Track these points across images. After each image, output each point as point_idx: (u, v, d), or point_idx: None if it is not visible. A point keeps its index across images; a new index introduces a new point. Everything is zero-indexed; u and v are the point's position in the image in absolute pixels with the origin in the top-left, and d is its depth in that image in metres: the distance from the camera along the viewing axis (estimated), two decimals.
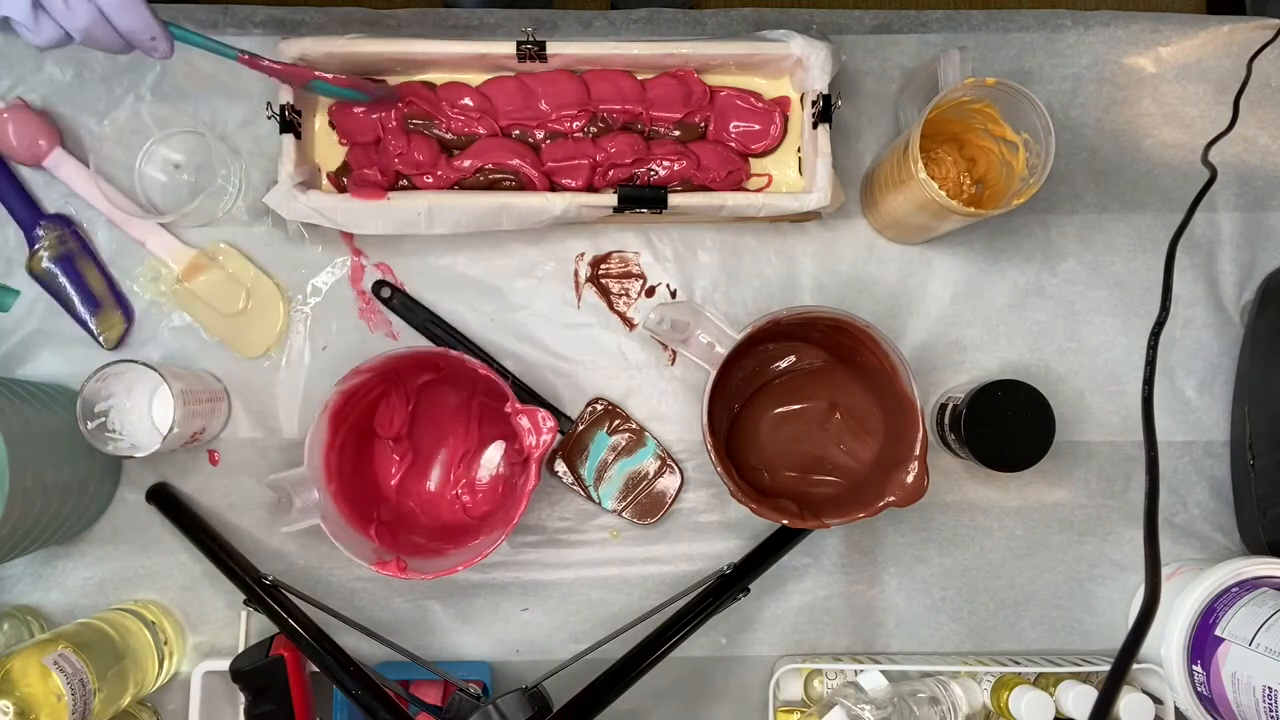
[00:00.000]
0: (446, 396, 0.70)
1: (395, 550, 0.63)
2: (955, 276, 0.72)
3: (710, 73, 0.69)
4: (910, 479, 0.61)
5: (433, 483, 0.70)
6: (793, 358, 0.70)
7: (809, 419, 0.70)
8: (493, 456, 0.70)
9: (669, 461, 0.70)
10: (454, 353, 0.62)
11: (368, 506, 0.66)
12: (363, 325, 0.71)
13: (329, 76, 0.62)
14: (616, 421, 0.70)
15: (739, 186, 0.69)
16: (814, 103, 0.66)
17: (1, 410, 0.57)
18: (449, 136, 0.68)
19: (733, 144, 0.69)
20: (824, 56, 0.65)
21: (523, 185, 0.67)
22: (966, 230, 0.70)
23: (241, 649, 0.67)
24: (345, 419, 0.64)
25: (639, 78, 0.68)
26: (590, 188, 0.68)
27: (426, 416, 0.70)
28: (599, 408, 0.70)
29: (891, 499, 0.61)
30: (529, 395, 0.70)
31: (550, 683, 0.59)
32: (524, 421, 0.61)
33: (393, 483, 0.69)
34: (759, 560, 0.66)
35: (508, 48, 0.65)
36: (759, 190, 0.69)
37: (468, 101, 0.68)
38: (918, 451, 0.61)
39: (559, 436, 0.62)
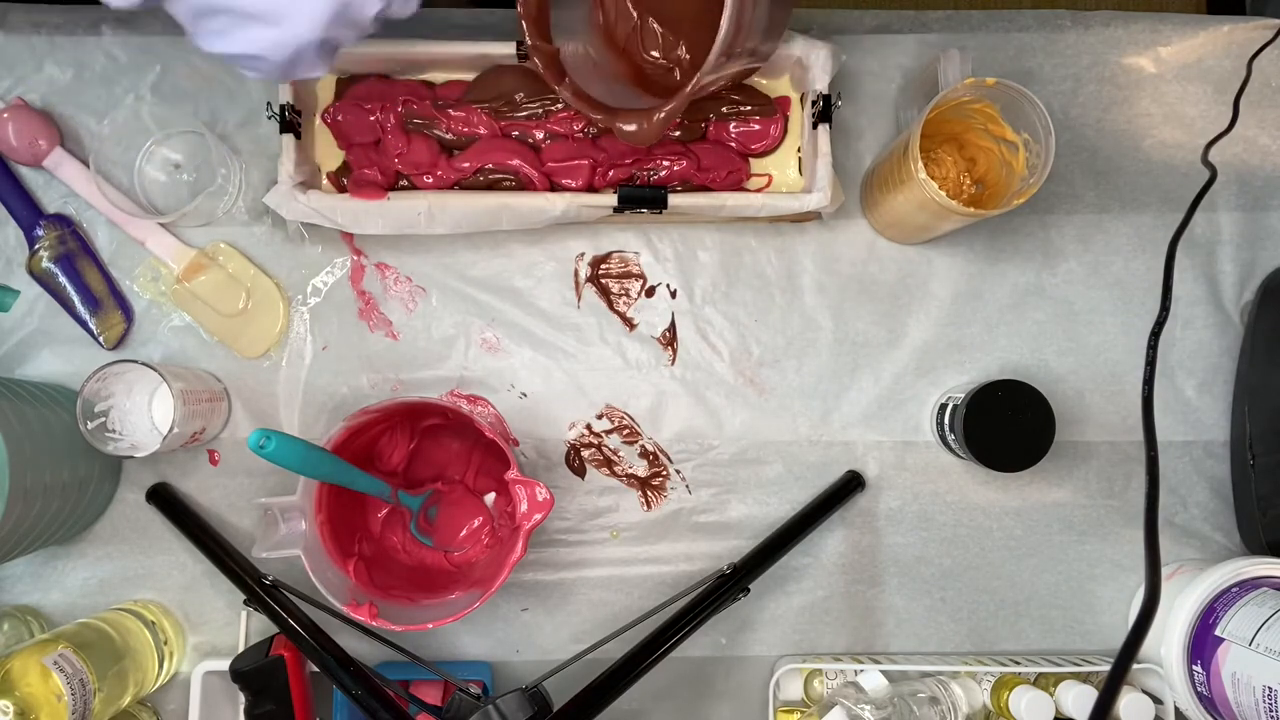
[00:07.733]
0: (449, 442, 0.70)
1: (371, 591, 0.63)
2: (955, 276, 0.72)
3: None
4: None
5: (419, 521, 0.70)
6: None
7: None
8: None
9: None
10: (464, 410, 0.62)
11: (351, 539, 0.66)
12: (363, 325, 0.71)
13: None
14: None
15: (739, 186, 0.69)
16: (814, 103, 0.66)
17: (1, 410, 0.57)
18: (449, 136, 0.68)
19: (733, 144, 0.69)
20: (824, 57, 0.65)
21: (523, 185, 0.67)
22: (966, 230, 0.70)
23: (241, 649, 0.67)
24: (345, 451, 0.63)
25: None
26: (590, 188, 0.68)
27: (426, 456, 0.70)
28: None
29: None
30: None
31: (550, 683, 0.59)
32: (521, 491, 0.60)
33: (380, 515, 0.69)
34: (759, 560, 0.66)
35: (507, 48, 0.65)
36: (759, 190, 0.69)
37: None
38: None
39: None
